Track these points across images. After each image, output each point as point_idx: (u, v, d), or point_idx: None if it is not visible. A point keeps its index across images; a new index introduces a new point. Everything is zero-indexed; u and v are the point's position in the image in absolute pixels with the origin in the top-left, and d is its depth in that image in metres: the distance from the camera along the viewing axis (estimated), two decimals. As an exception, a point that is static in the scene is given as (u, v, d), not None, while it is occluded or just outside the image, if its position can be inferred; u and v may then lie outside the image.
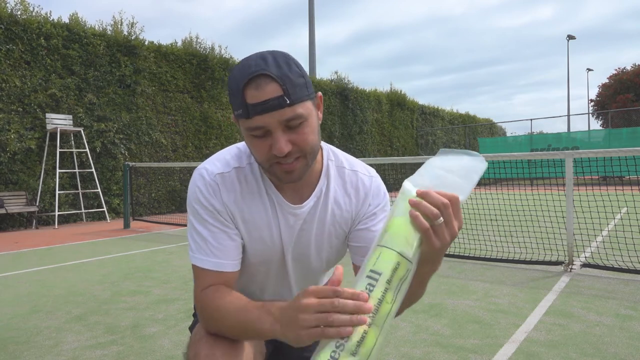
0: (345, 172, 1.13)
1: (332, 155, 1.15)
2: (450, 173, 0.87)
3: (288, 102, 0.89)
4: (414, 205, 0.82)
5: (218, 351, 0.93)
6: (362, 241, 1.12)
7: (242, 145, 1.13)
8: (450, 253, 4.94)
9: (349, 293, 0.75)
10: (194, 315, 1.30)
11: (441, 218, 0.81)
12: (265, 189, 1.07)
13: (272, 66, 0.90)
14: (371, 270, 0.79)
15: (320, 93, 1.02)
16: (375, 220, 1.13)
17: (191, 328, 1.21)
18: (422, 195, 0.82)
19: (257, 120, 0.90)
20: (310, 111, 0.96)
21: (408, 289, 0.83)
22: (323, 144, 1.14)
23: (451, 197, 0.82)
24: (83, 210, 9.50)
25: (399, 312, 1.06)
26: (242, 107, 0.91)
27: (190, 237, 1.05)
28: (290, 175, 0.96)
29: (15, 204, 8.35)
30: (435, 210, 0.80)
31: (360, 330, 0.75)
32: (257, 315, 0.87)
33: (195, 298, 1.03)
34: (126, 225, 8.32)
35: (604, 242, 5.57)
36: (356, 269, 1.12)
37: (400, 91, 20.29)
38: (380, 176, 1.19)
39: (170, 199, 11.18)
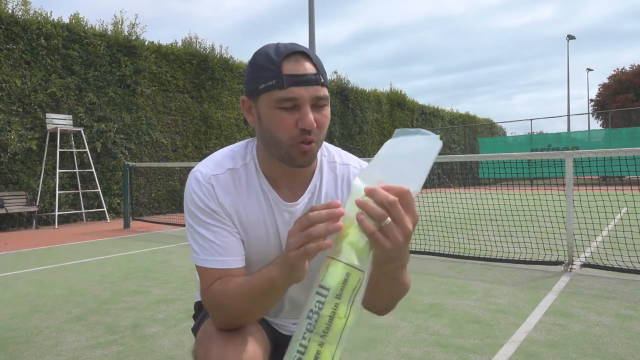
0: (337, 167, 1.14)
1: (325, 151, 1.16)
2: (401, 160, 0.79)
3: (322, 80, 0.96)
4: (360, 206, 0.75)
5: (230, 346, 0.94)
6: None
7: (235, 146, 1.13)
8: (450, 253, 4.94)
9: (322, 205, 0.78)
10: (194, 317, 1.30)
11: (388, 218, 0.75)
12: (261, 187, 1.08)
13: (306, 49, 0.98)
14: (320, 286, 0.75)
15: None
16: None
17: (194, 329, 1.21)
18: (369, 193, 0.76)
19: (293, 91, 0.93)
20: (329, 101, 1.02)
21: (380, 287, 0.83)
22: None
23: (399, 192, 0.76)
24: (83, 210, 9.50)
25: (388, 308, 1.08)
26: (276, 77, 0.93)
27: (192, 240, 1.05)
28: (305, 156, 0.98)
29: (15, 204, 8.35)
30: (380, 210, 0.74)
31: (312, 350, 0.73)
32: (262, 274, 0.90)
33: (202, 297, 1.03)
34: (126, 225, 8.32)
35: (604, 242, 5.57)
36: None
37: (400, 91, 20.32)
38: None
39: (170, 199, 11.18)
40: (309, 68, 0.94)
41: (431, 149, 0.80)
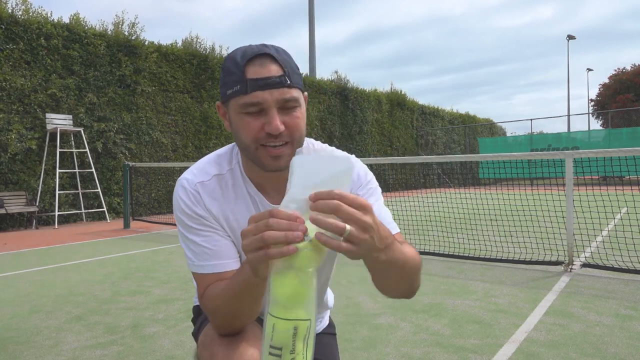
0: None
1: (312, 148, 1.14)
2: (321, 178, 0.74)
3: (288, 82, 0.92)
4: (317, 223, 0.70)
5: (234, 353, 0.94)
6: None
7: (220, 151, 1.12)
8: (450, 253, 4.94)
9: (285, 214, 0.71)
10: (193, 320, 1.30)
11: (347, 226, 0.70)
12: (248, 191, 1.07)
13: (273, 50, 0.94)
14: (271, 347, 0.73)
15: (306, 93, 1.04)
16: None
17: (194, 333, 1.21)
18: (315, 207, 0.71)
19: (256, 95, 0.91)
20: (302, 101, 0.98)
21: (386, 275, 0.81)
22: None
23: (334, 194, 0.71)
24: (83, 210, 9.50)
25: (412, 287, 0.99)
26: (240, 82, 0.92)
27: (185, 247, 1.05)
28: (277, 161, 0.95)
29: (15, 204, 8.35)
30: (340, 223, 0.69)
31: None
32: (237, 274, 0.88)
33: (200, 303, 1.03)
34: (126, 225, 8.32)
35: (604, 242, 5.57)
36: None
37: (400, 91, 20.32)
38: (381, 176, 1.19)
39: (170, 199, 11.17)
40: (273, 70, 0.91)
41: (347, 170, 0.76)
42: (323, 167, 0.76)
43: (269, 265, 0.73)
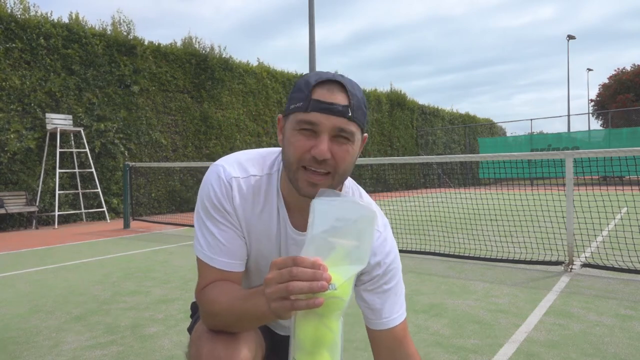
0: None
1: (350, 192, 1.13)
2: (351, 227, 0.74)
3: (350, 114, 0.92)
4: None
5: (219, 345, 0.94)
6: (363, 302, 1.12)
7: (265, 152, 1.11)
8: (451, 253, 4.94)
9: (309, 262, 0.72)
10: (191, 316, 1.30)
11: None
12: (277, 205, 1.06)
13: (347, 81, 0.95)
14: None
15: (366, 135, 1.04)
16: (376, 284, 1.11)
17: (189, 329, 1.21)
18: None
19: (315, 116, 0.91)
20: (358, 139, 0.98)
21: None
22: (350, 180, 1.13)
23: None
24: (83, 210, 9.50)
25: None
26: (304, 100, 0.92)
27: (200, 233, 1.04)
28: (313, 188, 0.94)
29: (15, 204, 8.35)
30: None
31: None
32: (254, 304, 0.87)
33: (197, 294, 1.03)
34: (126, 225, 8.32)
35: (604, 242, 5.57)
36: (368, 330, 1.13)
37: (400, 91, 20.30)
38: (381, 176, 1.18)
39: (170, 199, 11.18)
40: (339, 98, 0.92)
41: (370, 219, 0.77)
42: (345, 211, 0.75)
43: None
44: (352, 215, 0.75)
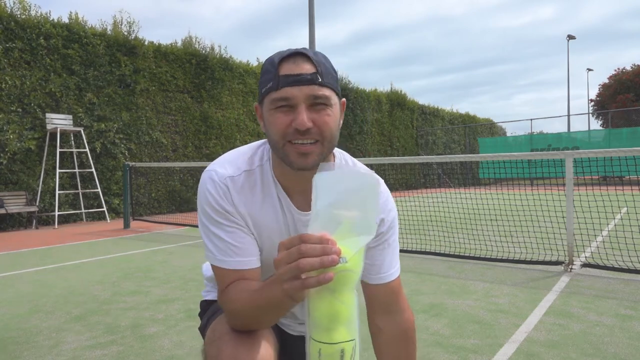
0: None
1: (343, 160, 1.14)
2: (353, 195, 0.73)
3: (320, 80, 0.93)
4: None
5: (241, 347, 0.93)
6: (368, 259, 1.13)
7: (251, 146, 1.12)
8: (451, 253, 4.94)
9: (316, 237, 0.71)
10: (200, 315, 1.30)
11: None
12: (277, 193, 1.06)
13: (310, 51, 0.96)
14: None
15: (344, 99, 1.04)
16: (382, 239, 1.13)
17: (201, 328, 1.21)
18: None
19: (286, 91, 0.92)
20: (336, 103, 0.98)
21: None
22: (337, 150, 1.13)
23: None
24: (83, 210, 9.50)
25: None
26: (272, 80, 0.93)
27: (208, 240, 1.03)
28: (305, 158, 0.94)
29: (15, 204, 8.35)
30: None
31: None
32: (271, 292, 0.86)
33: (219, 298, 1.03)
34: (126, 225, 8.32)
35: (604, 242, 5.57)
36: (366, 286, 1.14)
37: (400, 91, 20.31)
38: (381, 176, 1.19)
39: (170, 199, 11.18)
40: (305, 68, 0.93)
41: (373, 186, 0.76)
42: (348, 182, 0.74)
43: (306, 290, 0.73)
44: (354, 184, 0.75)
